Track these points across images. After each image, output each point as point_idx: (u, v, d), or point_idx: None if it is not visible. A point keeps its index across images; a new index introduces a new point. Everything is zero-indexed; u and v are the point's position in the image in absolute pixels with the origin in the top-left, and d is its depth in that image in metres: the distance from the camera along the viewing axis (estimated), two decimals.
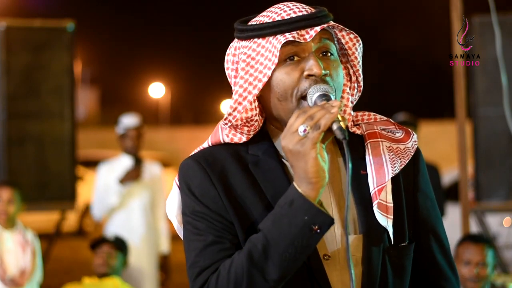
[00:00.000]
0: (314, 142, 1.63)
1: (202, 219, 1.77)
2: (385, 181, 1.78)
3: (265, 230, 1.68)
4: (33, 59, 5.68)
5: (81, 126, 18.72)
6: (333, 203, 1.80)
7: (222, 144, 1.87)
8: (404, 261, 1.81)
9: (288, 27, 1.76)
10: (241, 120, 1.83)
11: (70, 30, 5.76)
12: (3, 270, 4.79)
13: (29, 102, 5.66)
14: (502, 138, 5.16)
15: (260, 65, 1.79)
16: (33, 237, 5.02)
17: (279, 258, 1.65)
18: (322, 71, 1.75)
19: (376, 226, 1.77)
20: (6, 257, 4.84)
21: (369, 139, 1.85)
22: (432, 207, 1.89)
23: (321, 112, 1.64)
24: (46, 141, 5.70)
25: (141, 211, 6.02)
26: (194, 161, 1.82)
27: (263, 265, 1.66)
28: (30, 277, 4.92)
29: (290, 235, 1.64)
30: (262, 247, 1.66)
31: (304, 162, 1.64)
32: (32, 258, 4.95)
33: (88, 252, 5.23)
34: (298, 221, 1.64)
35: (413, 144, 1.87)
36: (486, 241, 4.08)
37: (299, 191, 1.65)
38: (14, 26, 5.73)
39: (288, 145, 1.66)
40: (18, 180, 5.38)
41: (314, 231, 1.64)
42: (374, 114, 1.94)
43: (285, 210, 1.66)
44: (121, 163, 6.11)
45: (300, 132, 1.64)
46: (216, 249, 1.74)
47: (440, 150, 15.21)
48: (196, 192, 1.80)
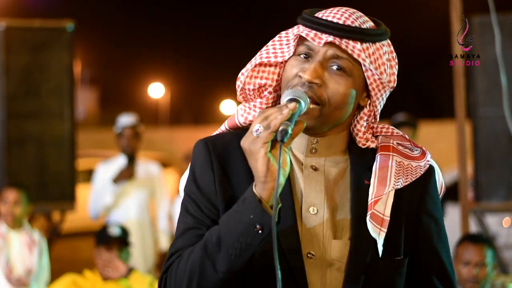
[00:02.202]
0: (263, 142, 1.64)
1: (192, 201, 1.82)
2: (384, 192, 1.78)
3: (221, 223, 1.71)
4: (32, 59, 5.68)
5: (81, 126, 18.72)
6: (326, 206, 1.80)
7: (238, 129, 1.90)
8: (392, 276, 1.80)
9: (313, 26, 1.79)
10: (254, 85, 1.87)
11: (69, 30, 5.76)
12: (9, 270, 4.84)
13: (29, 102, 5.66)
14: (501, 138, 5.16)
15: (286, 46, 1.85)
16: (40, 237, 5.06)
17: (227, 252, 1.67)
18: (311, 78, 1.75)
19: (366, 236, 1.77)
20: (13, 257, 4.89)
21: (380, 151, 1.86)
22: (437, 230, 1.87)
23: (275, 114, 1.65)
24: (46, 141, 5.70)
25: (137, 210, 6.03)
26: (204, 143, 1.87)
27: (215, 256, 1.68)
28: (36, 276, 4.96)
29: (237, 231, 1.66)
30: (215, 240, 1.69)
31: (255, 161, 1.66)
32: (39, 259, 4.99)
33: (88, 252, 5.22)
34: (245, 219, 1.66)
35: (426, 164, 1.86)
36: (485, 241, 4.08)
37: (252, 190, 1.67)
38: (13, 26, 5.73)
39: (244, 144, 1.68)
40: (17, 180, 5.39)
41: (257, 230, 1.65)
42: (392, 128, 1.93)
43: (239, 207, 1.68)
44: (117, 162, 6.13)
45: (254, 132, 1.66)
46: (193, 233, 1.79)
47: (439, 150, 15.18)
48: (196, 172, 1.84)
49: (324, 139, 1.84)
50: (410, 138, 1.94)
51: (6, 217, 4.91)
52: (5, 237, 4.90)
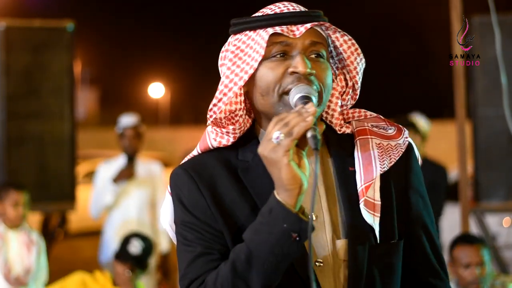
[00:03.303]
0: (286, 149, 1.61)
1: (191, 230, 1.77)
2: (373, 178, 1.76)
3: (247, 239, 1.67)
4: (32, 59, 5.67)
5: (81, 126, 18.71)
6: (324, 207, 1.78)
7: (212, 150, 1.85)
8: (392, 259, 1.80)
9: (278, 21, 1.75)
10: (225, 112, 1.82)
11: (70, 30, 5.76)
12: (7, 269, 4.86)
13: (29, 102, 5.66)
14: (501, 138, 5.15)
15: (248, 57, 1.78)
16: (38, 237, 5.07)
17: (261, 267, 1.63)
18: (307, 69, 1.73)
19: (362, 226, 1.75)
20: (11, 257, 4.90)
21: (358, 136, 1.84)
22: (424, 205, 1.87)
23: (296, 119, 1.62)
24: (46, 141, 5.70)
25: (137, 209, 6.02)
26: (183, 170, 1.82)
27: (246, 275, 1.64)
28: (34, 276, 4.97)
29: (270, 244, 1.62)
30: (245, 257, 1.65)
31: (278, 169, 1.62)
32: (37, 258, 5.00)
33: (88, 252, 5.22)
34: (277, 230, 1.62)
35: (404, 141, 1.85)
36: (480, 241, 4.08)
37: (277, 199, 1.63)
38: (13, 26, 5.72)
39: (263, 152, 1.64)
40: (17, 180, 5.39)
41: (293, 238, 1.62)
42: (364, 111, 1.92)
43: (265, 219, 1.64)
44: (118, 162, 6.14)
45: (274, 139, 1.61)
46: (204, 260, 1.74)
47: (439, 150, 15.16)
48: (185, 202, 1.79)
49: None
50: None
51: (15, 220, 4.93)
52: (4, 237, 4.91)
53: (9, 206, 4.91)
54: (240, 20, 1.81)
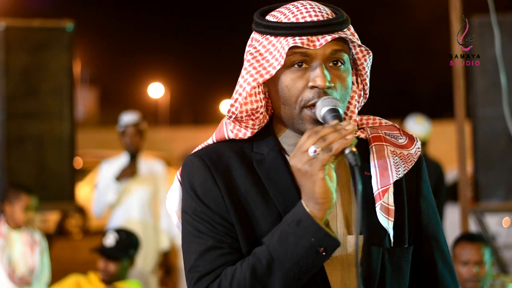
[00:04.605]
0: (323, 164, 1.62)
1: (203, 221, 1.76)
2: (390, 183, 1.78)
3: (270, 246, 1.67)
4: (32, 59, 5.67)
5: (80, 126, 18.71)
6: (338, 202, 1.79)
7: (228, 140, 1.86)
8: (402, 263, 1.81)
9: (299, 31, 1.74)
10: (246, 112, 1.82)
11: (69, 30, 5.75)
12: (12, 269, 4.87)
13: (28, 102, 5.66)
14: (501, 138, 5.15)
15: (266, 62, 1.78)
16: (41, 237, 5.08)
17: (284, 276, 1.64)
18: (326, 83, 1.73)
19: (377, 227, 1.77)
20: (15, 257, 4.92)
21: (373, 142, 1.86)
22: (433, 213, 1.90)
23: (334, 135, 1.62)
24: (46, 141, 5.69)
25: (139, 207, 6.03)
26: (198, 159, 1.81)
27: (266, 281, 1.65)
28: (38, 275, 4.98)
29: (296, 255, 1.63)
30: (266, 263, 1.65)
31: (312, 183, 1.63)
32: (40, 258, 5.01)
33: (88, 252, 5.22)
34: (305, 242, 1.63)
35: (416, 151, 1.88)
36: (482, 240, 4.08)
37: (307, 211, 1.64)
38: (13, 26, 5.72)
39: (297, 164, 1.64)
40: (17, 180, 5.39)
41: (320, 253, 1.63)
42: (379, 119, 1.94)
43: (292, 229, 1.65)
44: (120, 161, 6.15)
45: (310, 153, 1.63)
46: (216, 254, 1.73)
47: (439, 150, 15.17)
48: (198, 190, 1.78)
49: None
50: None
51: (18, 222, 4.94)
52: (7, 237, 4.93)
53: (19, 209, 4.94)
54: (262, 21, 1.81)
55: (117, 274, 4.54)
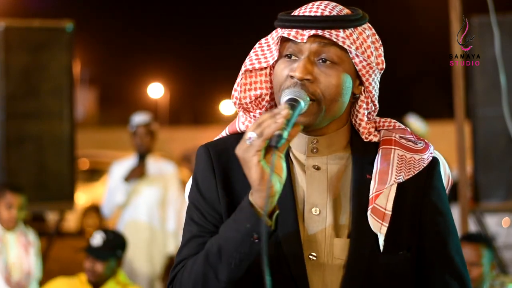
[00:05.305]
0: (256, 149, 1.62)
1: (196, 209, 1.81)
2: (385, 187, 1.77)
3: (220, 232, 1.70)
4: (32, 59, 5.67)
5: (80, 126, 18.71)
6: (329, 205, 1.79)
7: (239, 133, 1.88)
8: (399, 270, 1.78)
9: (290, 24, 1.79)
10: (250, 98, 1.86)
11: (69, 30, 5.75)
12: (8, 273, 4.84)
13: (28, 102, 5.65)
14: (501, 138, 5.15)
15: (268, 51, 1.84)
16: (34, 236, 5.06)
17: (227, 261, 1.66)
18: (302, 75, 1.74)
19: (367, 232, 1.75)
20: (11, 260, 4.89)
21: (382, 145, 1.85)
22: (444, 223, 1.85)
23: (268, 121, 1.63)
24: (45, 141, 5.69)
25: (147, 208, 6.02)
26: (205, 148, 1.86)
27: (216, 266, 1.68)
28: (33, 279, 4.97)
29: (235, 241, 1.65)
30: (216, 249, 1.68)
31: (248, 169, 1.63)
32: (35, 259, 4.99)
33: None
34: (242, 228, 1.65)
35: (429, 156, 1.85)
36: (483, 241, 4.06)
37: (248, 198, 1.65)
38: (13, 26, 5.72)
39: (238, 152, 1.66)
40: (17, 180, 5.39)
41: (254, 239, 1.64)
42: (394, 121, 1.93)
43: (236, 216, 1.68)
44: (131, 162, 6.17)
45: (247, 140, 1.63)
46: (196, 242, 1.78)
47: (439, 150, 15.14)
48: (198, 179, 1.83)
49: (324, 138, 1.83)
50: None
51: (8, 222, 4.91)
52: (2, 240, 4.89)
53: (2, 207, 4.90)
54: (282, 16, 1.85)
55: (104, 274, 4.52)
